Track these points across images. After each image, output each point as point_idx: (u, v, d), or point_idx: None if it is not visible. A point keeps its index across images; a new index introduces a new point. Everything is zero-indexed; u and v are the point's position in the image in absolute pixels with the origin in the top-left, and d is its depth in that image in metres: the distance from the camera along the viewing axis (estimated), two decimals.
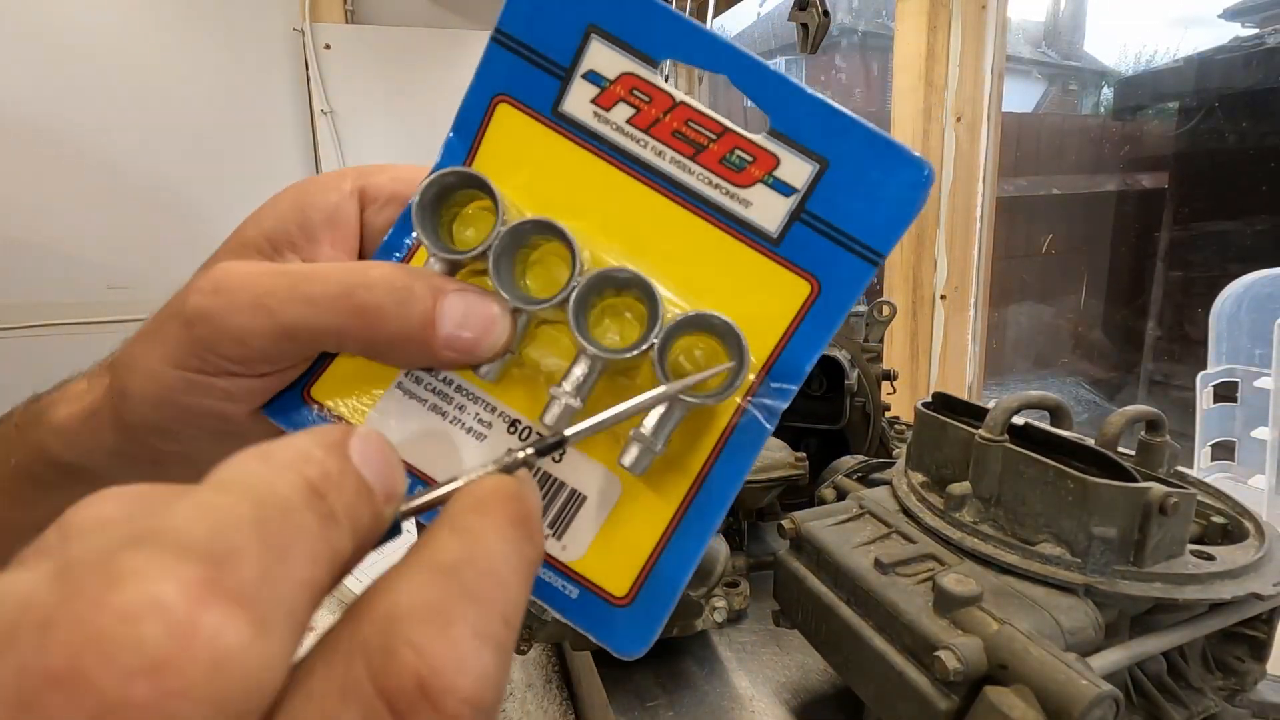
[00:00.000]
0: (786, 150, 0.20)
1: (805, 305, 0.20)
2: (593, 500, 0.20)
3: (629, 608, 0.19)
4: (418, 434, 0.21)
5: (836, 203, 0.20)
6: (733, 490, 0.20)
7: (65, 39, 1.24)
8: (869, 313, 0.61)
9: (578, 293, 0.19)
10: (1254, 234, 1.51)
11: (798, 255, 0.20)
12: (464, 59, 1.49)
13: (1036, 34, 2.49)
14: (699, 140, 0.21)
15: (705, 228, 0.21)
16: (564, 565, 0.20)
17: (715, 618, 0.41)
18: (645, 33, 0.21)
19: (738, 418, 0.20)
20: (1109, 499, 0.29)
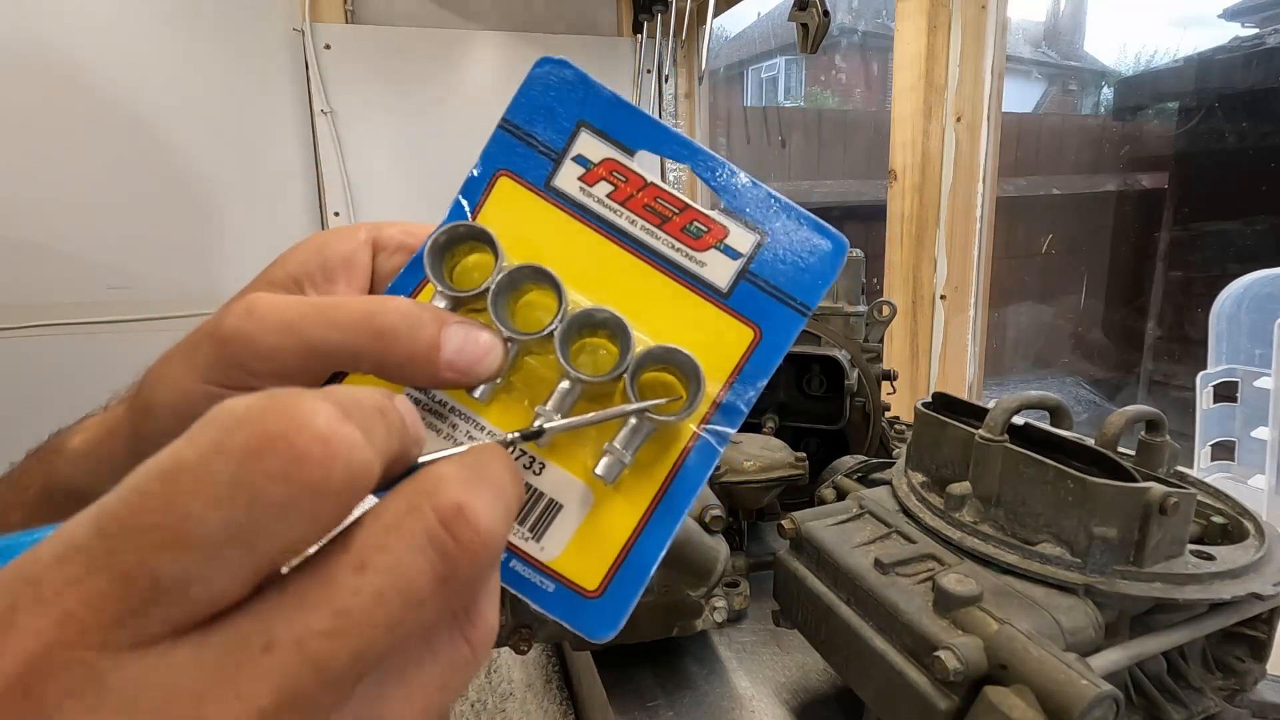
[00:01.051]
0: (735, 224, 0.26)
1: (750, 348, 0.25)
2: (569, 508, 0.24)
3: (599, 599, 0.23)
4: None
5: (774, 266, 0.25)
6: (689, 500, 0.24)
7: (65, 39, 1.24)
8: (869, 313, 0.61)
9: (563, 326, 0.24)
10: (1254, 234, 1.51)
11: (743, 307, 0.25)
12: (464, 59, 1.49)
13: (1036, 34, 2.49)
14: (665, 213, 0.26)
15: (668, 283, 0.26)
16: (541, 564, 0.23)
17: (715, 618, 0.41)
18: (626, 130, 0.26)
19: (694, 441, 0.24)
20: (1109, 499, 0.29)
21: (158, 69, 1.30)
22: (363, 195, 1.45)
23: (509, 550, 0.23)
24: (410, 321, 0.23)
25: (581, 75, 0.27)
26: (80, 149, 1.28)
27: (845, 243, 0.25)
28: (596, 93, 0.27)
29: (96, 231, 1.31)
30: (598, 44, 1.59)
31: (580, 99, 0.27)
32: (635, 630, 0.41)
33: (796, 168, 2.40)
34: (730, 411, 0.24)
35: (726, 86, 2.87)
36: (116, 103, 1.28)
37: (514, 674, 0.59)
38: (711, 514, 0.40)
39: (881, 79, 2.59)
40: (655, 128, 0.26)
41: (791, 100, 3.14)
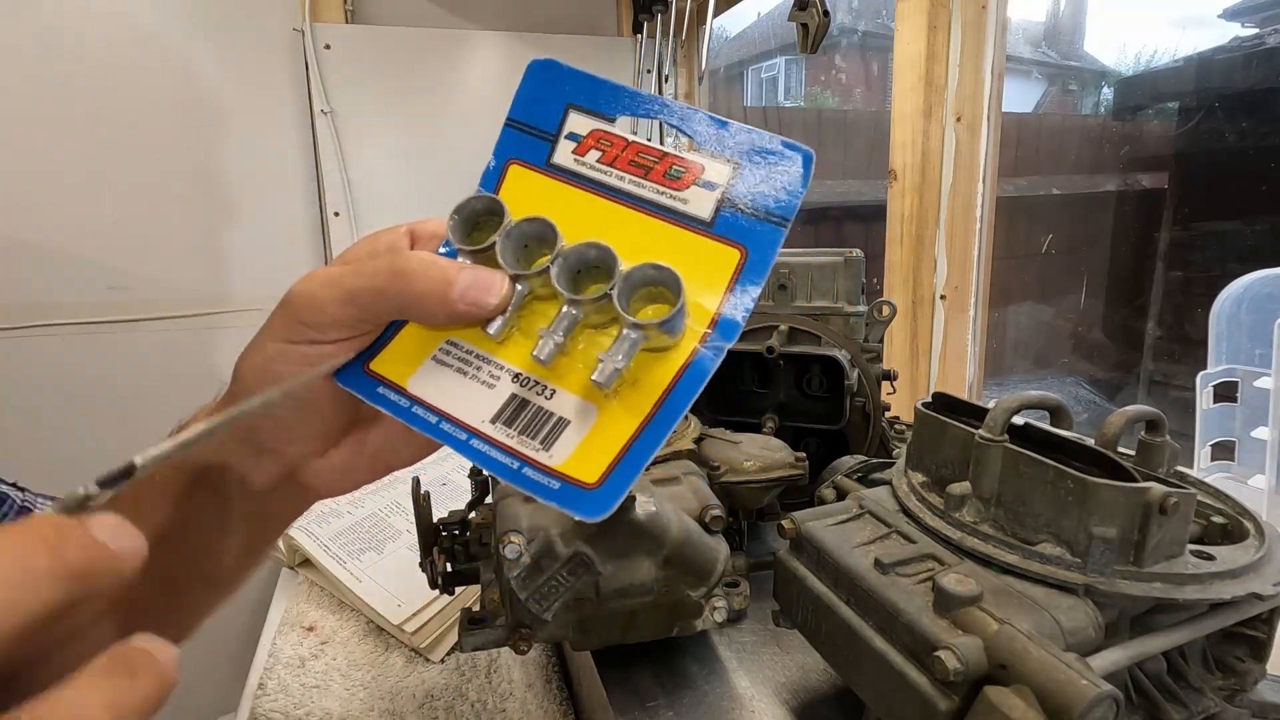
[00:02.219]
0: (709, 159, 0.29)
1: (738, 267, 0.28)
2: (575, 423, 0.27)
3: (597, 489, 0.26)
4: (446, 387, 0.29)
5: (749, 189, 0.28)
6: (684, 407, 0.26)
7: (64, 39, 1.24)
8: (869, 313, 0.61)
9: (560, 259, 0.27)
10: (1254, 234, 1.50)
11: (727, 231, 0.28)
12: (464, 59, 1.49)
13: (1036, 34, 2.49)
14: (646, 164, 0.30)
15: (658, 224, 0.29)
16: (549, 468, 0.26)
17: (715, 618, 0.41)
18: (605, 102, 0.31)
19: (693, 356, 0.27)
20: (1109, 499, 0.29)
21: (158, 69, 1.30)
22: (363, 195, 1.45)
23: (521, 459, 0.27)
24: (426, 264, 0.28)
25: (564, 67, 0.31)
26: (81, 149, 1.28)
27: (811, 154, 0.28)
28: (577, 78, 0.31)
29: (96, 231, 1.31)
30: (598, 44, 1.59)
31: (565, 87, 0.31)
32: (635, 630, 0.41)
33: None
34: (727, 326, 0.27)
35: (726, 86, 2.87)
36: (116, 102, 1.28)
37: (514, 674, 0.59)
38: (711, 514, 0.40)
39: (881, 79, 2.59)
40: (627, 94, 0.30)
41: (791, 100, 3.13)
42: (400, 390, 0.29)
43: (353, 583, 0.69)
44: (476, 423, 0.28)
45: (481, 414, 0.28)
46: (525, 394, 0.28)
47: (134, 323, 1.36)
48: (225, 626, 1.48)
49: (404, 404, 0.29)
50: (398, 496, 0.83)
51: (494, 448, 0.27)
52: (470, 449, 0.27)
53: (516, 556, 0.36)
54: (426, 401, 0.29)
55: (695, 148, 0.29)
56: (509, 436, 0.27)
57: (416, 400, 0.29)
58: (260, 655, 0.64)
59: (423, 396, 0.29)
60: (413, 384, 0.29)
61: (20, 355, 1.29)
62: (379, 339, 0.30)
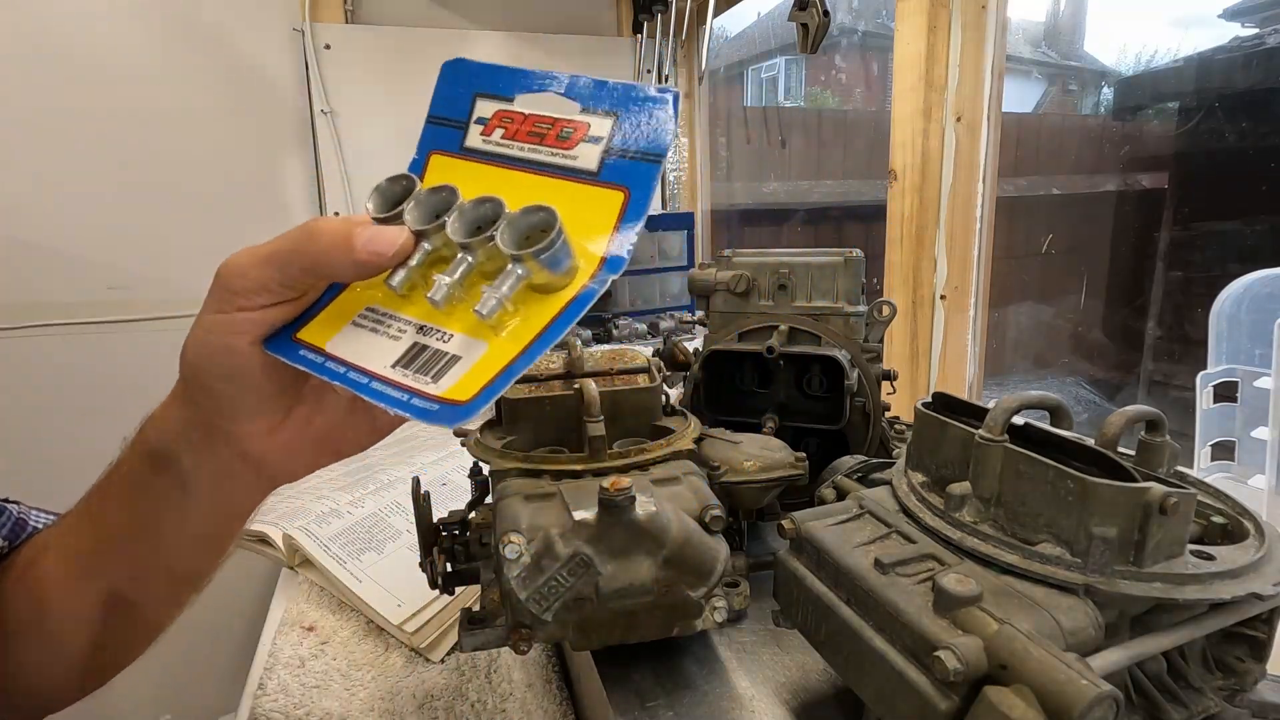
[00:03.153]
0: (594, 117, 0.33)
1: (623, 206, 0.31)
2: (465, 358, 0.30)
3: (465, 405, 0.29)
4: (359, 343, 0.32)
5: (628, 137, 0.32)
6: (560, 333, 0.29)
7: (64, 39, 1.24)
8: (869, 313, 0.61)
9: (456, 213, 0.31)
10: (1254, 234, 1.50)
11: (611, 176, 0.32)
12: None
13: (1036, 34, 2.49)
14: (542, 132, 0.34)
15: (553, 182, 0.33)
16: (432, 395, 0.30)
17: (715, 618, 0.41)
18: (504, 85, 0.35)
19: (580, 291, 0.30)
20: (1109, 499, 0.29)
21: (158, 69, 1.30)
22: (363, 195, 1.44)
23: (411, 392, 0.30)
24: (333, 224, 0.31)
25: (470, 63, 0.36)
26: (80, 149, 1.28)
27: (677, 93, 0.32)
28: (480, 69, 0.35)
29: (96, 231, 1.31)
30: (598, 44, 1.59)
31: (470, 78, 0.35)
32: (635, 630, 0.41)
33: (796, 168, 2.40)
34: (613, 261, 0.30)
35: (726, 86, 2.87)
36: (116, 102, 1.28)
37: (514, 674, 0.59)
38: (711, 514, 0.40)
39: (881, 79, 2.59)
40: (519, 75, 0.35)
41: (791, 100, 3.13)
42: (319, 351, 0.32)
43: (353, 583, 0.69)
44: (379, 369, 0.31)
45: (385, 361, 0.31)
46: (424, 341, 0.32)
47: (134, 323, 1.36)
48: (225, 626, 1.48)
49: (319, 360, 0.32)
50: (398, 496, 0.83)
51: (389, 386, 0.31)
52: (369, 389, 0.31)
53: (516, 556, 0.36)
54: (338, 356, 0.32)
55: (584, 109, 0.33)
56: (405, 376, 0.31)
57: (330, 357, 0.32)
58: (260, 655, 0.64)
59: (336, 353, 0.32)
60: (331, 345, 0.33)
61: (20, 355, 1.29)
62: (307, 312, 0.34)
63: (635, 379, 0.50)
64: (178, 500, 0.36)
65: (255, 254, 0.31)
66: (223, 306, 0.32)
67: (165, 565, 0.39)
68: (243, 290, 0.31)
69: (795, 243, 2.38)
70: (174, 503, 0.36)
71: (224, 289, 0.31)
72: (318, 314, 0.34)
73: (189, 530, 0.38)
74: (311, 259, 0.31)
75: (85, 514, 0.39)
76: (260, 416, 0.35)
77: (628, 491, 0.36)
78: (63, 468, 1.34)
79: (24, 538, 0.43)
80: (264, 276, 0.31)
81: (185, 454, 0.35)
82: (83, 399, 1.33)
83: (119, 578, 0.38)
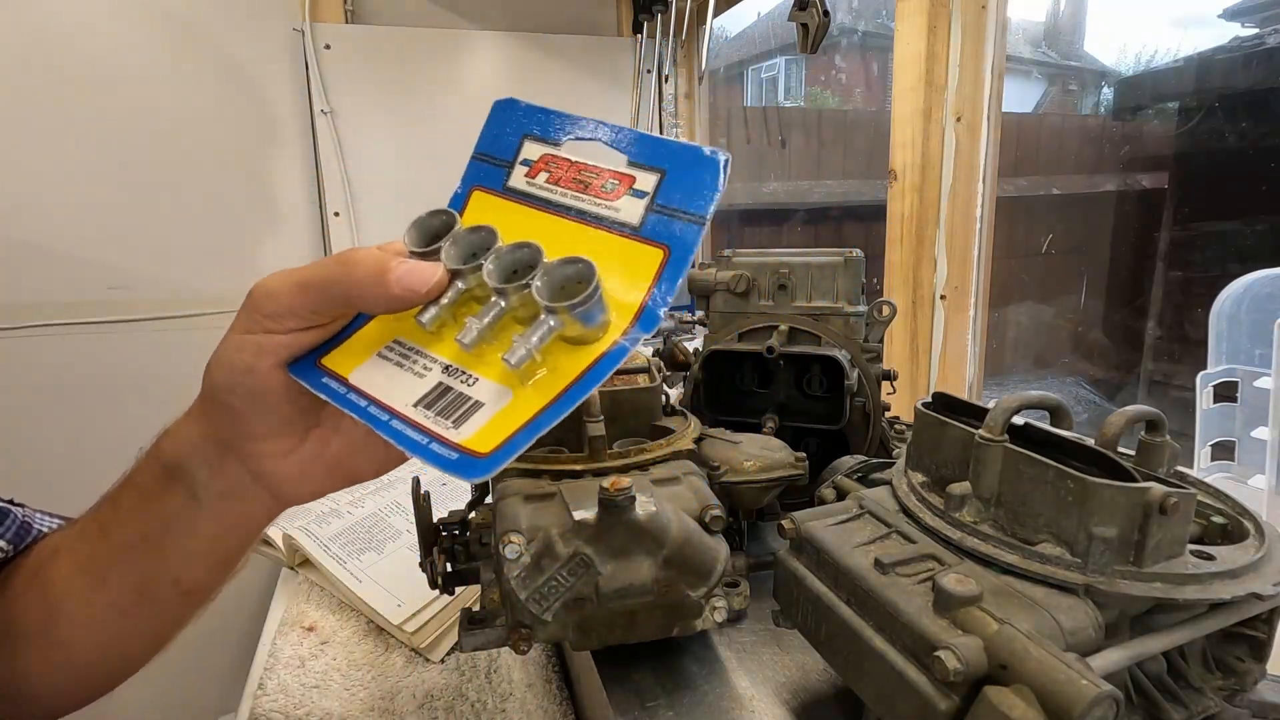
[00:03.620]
0: (640, 171, 0.32)
1: (661, 264, 0.30)
2: (489, 405, 0.30)
3: (485, 458, 0.28)
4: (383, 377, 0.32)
5: (673, 194, 0.31)
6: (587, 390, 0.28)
7: (64, 39, 1.24)
8: (869, 313, 0.61)
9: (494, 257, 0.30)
10: (1254, 234, 1.50)
11: (652, 233, 0.31)
12: (464, 59, 1.49)
13: (1036, 34, 2.49)
14: (587, 180, 0.33)
15: (593, 232, 0.32)
16: (453, 442, 0.29)
17: (715, 618, 0.41)
18: (552, 129, 0.35)
19: (611, 347, 0.29)
20: (1109, 499, 0.29)
21: (158, 69, 1.30)
22: (363, 195, 1.45)
23: (431, 435, 0.29)
24: (371, 255, 0.31)
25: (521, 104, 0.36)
26: (80, 149, 1.28)
27: (727, 157, 0.31)
28: (531, 111, 0.35)
29: (96, 231, 1.31)
30: (598, 44, 1.59)
31: (521, 120, 0.36)
32: (635, 630, 0.41)
33: (796, 168, 2.40)
34: (647, 318, 0.30)
35: (726, 86, 2.87)
36: (116, 102, 1.28)
37: (514, 674, 0.59)
38: (711, 514, 0.40)
39: (881, 79, 2.59)
40: (569, 120, 0.35)
41: (791, 100, 3.13)
42: (342, 380, 0.32)
43: (353, 583, 0.69)
44: (400, 406, 0.31)
45: (407, 399, 0.31)
46: (450, 381, 0.31)
47: (134, 323, 1.36)
48: (225, 626, 1.48)
49: (342, 391, 0.32)
50: (398, 496, 0.83)
51: (409, 427, 0.30)
52: (388, 428, 0.30)
53: (516, 556, 0.36)
54: (362, 389, 0.31)
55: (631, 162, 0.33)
56: (426, 418, 0.30)
57: (353, 388, 0.32)
58: (260, 655, 0.64)
59: (359, 385, 0.32)
60: (354, 375, 0.32)
61: (20, 355, 1.29)
62: (335, 338, 0.33)
63: (635, 379, 0.50)
64: (189, 515, 0.36)
65: (289, 278, 0.31)
66: (250, 327, 0.32)
67: (173, 578, 0.38)
68: (272, 313, 0.31)
69: (795, 243, 2.38)
70: (185, 517, 0.36)
71: (254, 310, 0.31)
72: (344, 341, 0.33)
73: (198, 545, 0.38)
74: (345, 289, 0.31)
75: (96, 522, 0.39)
76: (278, 438, 0.34)
77: (628, 491, 0.36)
78: (62, 468, 1.34)
79: (29, 541, 0.43)
80: (295, 302, 0.31)
81: (199, 469, 0.35)
82: (83, 399, 1.33)
83: (128, 588, 0.38)
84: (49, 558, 0.40)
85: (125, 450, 0.40)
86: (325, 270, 0.31)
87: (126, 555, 0.37)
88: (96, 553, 0.38)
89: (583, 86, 1.59)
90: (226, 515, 0.36)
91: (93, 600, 0.38)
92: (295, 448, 0.35)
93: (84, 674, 0.41)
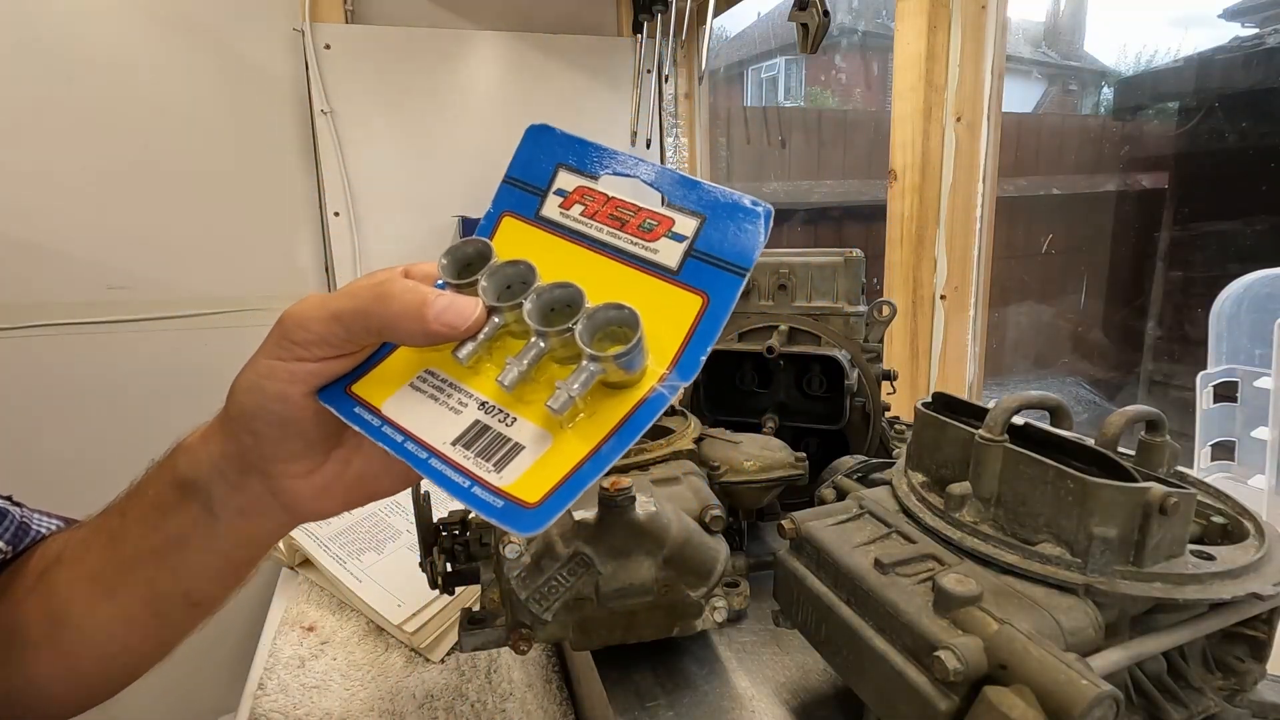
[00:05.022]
0: (679, 214, 0.31)
1: (700, 312, 0.29)
2: (530, 449, 0.28)
3: (535, 509, 0.27)
4: (417, 410, 0.31)
5: (715, 241, 0.30)
6: (632, 439, 0.28)
7: (64, 39, 1.24)
8: (869, 313, 0.61)
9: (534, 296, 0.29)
10: (1254, 234, 1.50)
11: (692, 279, 0.30)
12: (464, 59, 1.49)
13: (1036, 34, 2.49)
14: (624, 218, 0.32)
15: (630, 272, 0.31)
16: (497, 488, 0.28)
17: (715, 618, 0.41)
18: (590, 162, 0.34)
19: (650, 394, 0.28)
20: (1109, 499, 0.29)
21: (158, 69, 1.30)
22: (363, 195, 1.45)
23: (473, 479, 0.28)
24: (407, 288, 0.30)
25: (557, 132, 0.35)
26: (80, 149, 1.28)
27: (770, 210, 0.30)
28: (569, 141, 0.34)
29: (96, 231, 1.31)
30: (598, 44, 1.59)
31: (557, 148, 0.34)
32: (635, 630, 0.41)
33: (796, 168, 2.40)
34: (685, 366, 0.29)
35: (726, 86, 2.87)
36: (116, 102, 1.28)
37: (514, 674, 0.59)
38: (711, 514, 0.40)
39: (881, 79, 2.59)
40: (607, 154, 0.34)
41: (791, 100, 3.13)
42: (375, 411, 0.31)
43: (353, 583, 0.69)
44: (438, 444, 0.29)
45: (445, 436, 0.30)
46: (488, 420, 0.30)
47: (134, 323, 1.36)
48: (225, 626, 1.47)
49: (375, 423, 0.31)
50: (398, 496, 0.83)
51: (449, 467, 0.29)
52: (428, 466, 0.29)
53: (516, 556, 0.36)
54: (396, 422, 0.30)
55: (668, 203, 0.32)
56: (466, 458, 0.29)
57: (387, 420, 0.31)
58: (260, 655, 0.64)
59: (394, 417, 0.31)
60: (387, 406, 0.31)
61: (20, 355, 1.29)
62: (363, 365, 0.33)
63: None
64: (204, 530, 0.36)
65: (323, 308, 0.30)
66: (281, 354, 0.31)
67: (184, 590, 0.38)
68: (303, 342, 0.31)
69: (795, 243, 2.38)
70: (200, 532, 0.36)
71: (284, 337, 0.31)
72: (374, 367, 0.33)
73: (211, 560, 0.38)
74: (381, 322, 0.30)
75: (103, 531, 0.39)
76: (302, 459, 0.34)
77: (628, 491, 0.36)
78: (62, 468, 1.34)
79: (28, 543, 0.43)
80: (328, 331, 0.30)
81: (217, 486, 0.35)
82: (83, 399, 1.33)
83: (136, 600, 0.38)
84: (53, 564, 0.40)
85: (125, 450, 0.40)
86: (361, 302, 0.30)
87: (136, 567, 0.37)
88: (104, 563, 0.38)
89: (583, 86, 1.58)
90: (241, 531, 0.36)
91: (99, 611, 0.38)
92: (318, 468, 0.35)
93: (87, 681, 0.41)
